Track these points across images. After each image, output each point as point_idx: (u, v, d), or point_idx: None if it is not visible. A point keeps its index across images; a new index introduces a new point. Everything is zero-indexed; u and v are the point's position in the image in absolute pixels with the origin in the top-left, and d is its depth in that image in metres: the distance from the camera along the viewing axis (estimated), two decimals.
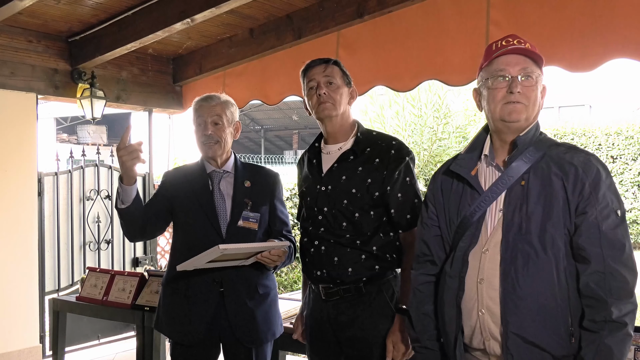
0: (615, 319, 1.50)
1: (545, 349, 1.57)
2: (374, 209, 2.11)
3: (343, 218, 2.12)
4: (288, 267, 7.74)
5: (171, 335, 2.41)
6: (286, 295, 3.52)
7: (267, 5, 3.85)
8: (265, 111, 23.99)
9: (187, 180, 2.43)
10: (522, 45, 1.62)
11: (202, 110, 2.38)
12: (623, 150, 13.30)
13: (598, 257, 1.53)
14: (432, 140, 9.56)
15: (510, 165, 1.63)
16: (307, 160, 2.30)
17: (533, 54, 1.62)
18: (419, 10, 3.44)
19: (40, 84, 4.38)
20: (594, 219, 1.53)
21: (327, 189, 2.15)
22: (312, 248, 2.18)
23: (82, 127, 21.13)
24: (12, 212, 4.29)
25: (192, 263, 2.13)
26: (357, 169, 2.13)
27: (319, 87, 2.14)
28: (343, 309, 2.13)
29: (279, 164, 20.53)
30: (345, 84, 2.19)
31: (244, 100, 4.54)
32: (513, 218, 1.60)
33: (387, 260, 2.12)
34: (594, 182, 1.55)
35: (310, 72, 2.18)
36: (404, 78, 3.51)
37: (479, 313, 1.63)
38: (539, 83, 1.64)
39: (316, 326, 2.23)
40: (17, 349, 4.30)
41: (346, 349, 2.15)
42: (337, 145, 2.20)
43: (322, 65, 2.17)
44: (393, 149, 2.13)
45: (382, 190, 2.10)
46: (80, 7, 3.85)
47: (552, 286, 1.56)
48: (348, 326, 2.12)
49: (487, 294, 1.62)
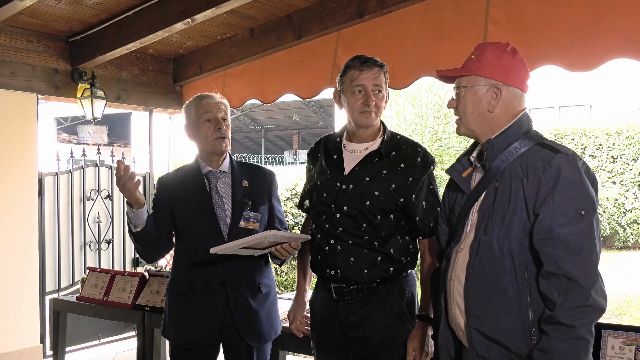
0: (563, 322, 1.49)
1: (505, 346, 1.61)
2: (394, 213, 2.11)
3: (364, 219, 2.10)
4: (288, 267, 7.74)
5: (179, 340, 2.38)
6: (286, 295, 3.51)
7: (268, 5, 3.85)
8: (266, 111, 24.01)
9: (184, 183, 2.39)
10: (472, 57, 1.74)
11: (209, 106, 2.35)
12: (623, 150, 13.30)
13: (550, 258, 1.53)
14: (432, 140, 9.55)
15: (491, 166, 1.68)
16: (324, 154, 2.25)
17: (461, 70, 1.75)
18: (419, 10, 3.44)
19: (40, 84, 4.38)
20: (547, 220, 1.54)
21: (348, 188, 2.12)
22: (327, 246, 2.15)
23: (82, 127, 21.15)
24: (12, 212, 4.29)
25: (228, 247, 2.10)
26: (381, 172, 2.11)
27: (367, 95, 2.07)
28: (354, 309, 2.13)
29: (279, 164, 20.53)
30: (387, 90, 2.14)
31: (242, 99, 4.55)
32: (482, 219, 1.67)
33: (402, 262, 2.13)
34: (552, 182, 1.55)
35: (360, 73, 2.08)
36: (400, 75, 3.51)
37: (452, 307, 1.74)
38: (469, 94, 1.72)
39: (324, 325, 2.22)
40: (17, 349, 4.30)
41: (355, 348, 2.14)
42: (363, 145, 2.16)
43: (375, 69, 2.09)
44: (419, 157, 2.12)
45: (407, 198, 2.09)
46: (80, 7, 3.85)
47: (513, 287, 1.59)
48: (358, 325, 2.12)
49: (457, 291, 1.71)
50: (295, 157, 22.73)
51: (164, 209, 2.38)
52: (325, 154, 2.24)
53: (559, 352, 1.49)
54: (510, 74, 1.69)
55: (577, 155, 1.60)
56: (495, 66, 1.69)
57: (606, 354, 2.07)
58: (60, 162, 4.84)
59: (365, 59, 2.10)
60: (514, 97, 1.70)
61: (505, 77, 1.69)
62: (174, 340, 2.42)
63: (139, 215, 2.23)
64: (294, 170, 11.55)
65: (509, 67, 1.69)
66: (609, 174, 13.32)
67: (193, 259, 2.32)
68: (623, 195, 12.83)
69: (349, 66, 2.12)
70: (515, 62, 1.71)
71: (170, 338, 2.44)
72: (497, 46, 1.73)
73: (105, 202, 5.13)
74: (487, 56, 1.70)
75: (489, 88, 1.69)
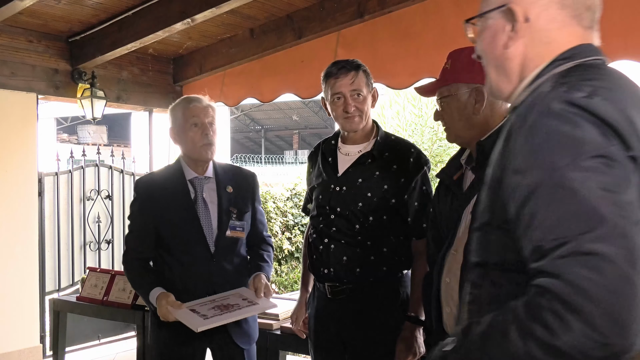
0: None
1: None
2: (387, 214, 2.11)
3: (356, 220, 2.11)
4: (288, 267, 7.74)
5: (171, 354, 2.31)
6: (286, 295, 3.52)
7: (268, 5, 3.85)
8: (266, 111, 24.01)
9: (166, 189, 2.30)
10: (446, 67, 1.79)
11: (197, 110, 2.28)
12: None
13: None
14: (432, 140, 9.56)
15: (482, 168, 1.66)
16: (321, 157, 2.26)
17: (440, 82, 1.78)
18: (419, 10, 3.44)
19: (40, 84, 4.38)
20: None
21: (341, 189, 2.14)
22: (321, 246, 2.17)
23: (82, 127, 21.14)
24: (12, 212, 4.29)
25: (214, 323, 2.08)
26: (374, 173, 2.11)
27: (346, 101, 2.08)
28: (348, 308, 2.13)
29: (279, 164, 20.54)
30: (369, 89, 2.13)
31: (239, 98, 4.54)
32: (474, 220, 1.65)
33: (395, 262, 2.12)
34: None
35: (336, 80, 2.09)
36: (401, 75, 3.50)
37: (446, 310, 1.73)
38: (452, 102, 1.74)
39: (320, 324, 2.23)
40: (17, 349, 4.29)
41: (350, 348, 2.15)
42: (357, 147, 2.18)
43: (349, 74, 2.08)
44: (412, 157, 2.12)
45: (399, 198, 2.09)
46: (80, 7, 3.84)
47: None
48: (353, 325, 2.12)
49: (449, 293, 1.70)
50: (295, 157, 22.72)
51: (148, 220, 2.28)
52: (322, 157, 2.26)
53: None
54: None
55: None
56: (471, 70, 1.69)
57: None
58: (60, 162, 4.84)
59: (341, 65, 2.11)
60: None
61: (483, 78, 1.70)
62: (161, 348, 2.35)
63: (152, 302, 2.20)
64: (294, 170, 11.56)
65: None
66: None
67: (179, 270, 2.26)
68: None
69: (327, 74, 2.13)
70: None
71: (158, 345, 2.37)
72: (470, 50, 1.74)
73: (105, 202, 5.13)
74: (461, 62, 1.73)
75: (470, 93, 1.71)
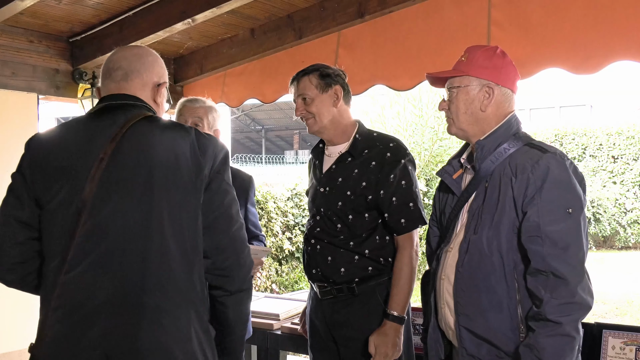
0: (550, 319, 1.51)
1: (494, 344, 1.62)
2: (368, 212, 2.11)
3: (338, 220, 2.13)
4: (288, 267, 7.74)
5: None
6: (286, 295, 3.52)
7: (268, 6, 3.85)
8: (267, 111, 24.04)
9: None
10: (462, 59, 1.78)
11: (185, 110, 2.38)
12: (624, 150, 13.30)
13: (537, 255, 1.55)
14: (433, 140, 9.57)
15: (480, 167, 1.70)
16: (312, 159, 2.33)
17: (453, 71, 1.77)
18: (420, 10, 3.44)
19: (41, 84, 4.38)
20: (535, 218, 1.56)
21: (325, 190, 2.17)
22: (309, 246, 2.20)
23: None
24: None
25: None
26: (353, 171, 2.12)
27: (296, 107, 2.17)
28: (337, 309, 2.15)
29: (279, 164, 20.55)
30: (322, 90, 2.13)
31: (241, 99, 4.54)
32: (471, 219, 1.69)
33: (380, 262, 2.12)
34: (539, 181, 1.57)
35: (291, 92, 2.22)
36: (403, 77, 3.50)
37: (442, 307, 1.75)
38: (461, 94, 1.73)
39: (313, 324, 2.26)
40: (17, 349, 4.30)
41: (341, 348, 2.16)
42: (338, 148, 2.20)
43: (294, 83, 2.19)
44: (389, 152, 2.11)
45: (376, 194, 2.08)
46: (81, 7, 3.85)
47: (502, 285, 1.61)
48: (342, 325, 2.14)
49: (446, 290, 1.73)
50: (296, 157, 22.75)
51: None
52: (312, 160, 2.32)
53: (544, 348, 1.51)
54: (502, 75, 1.73)
55: (564, 155, 1.63)
56: (486, 67, 1.72)
57: (607, 354, 2.08)
58: None
59: (292, 79, 2.22)
60: (504, 97, 1.73)
61: (497, 77, 1.72)
62: None
63: None
64: (295, 170, 11.56)
65: (500, 68, 1.73)
66: (609, 174, 13.33)
67: None
68: (624, 195, 12.84)
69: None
70: (505, 63, 1.75)
71: None
72: (487, 48, 1.78)
73: None
74: (477, 58, 1.74)
75: (481, 88, 1.72)
